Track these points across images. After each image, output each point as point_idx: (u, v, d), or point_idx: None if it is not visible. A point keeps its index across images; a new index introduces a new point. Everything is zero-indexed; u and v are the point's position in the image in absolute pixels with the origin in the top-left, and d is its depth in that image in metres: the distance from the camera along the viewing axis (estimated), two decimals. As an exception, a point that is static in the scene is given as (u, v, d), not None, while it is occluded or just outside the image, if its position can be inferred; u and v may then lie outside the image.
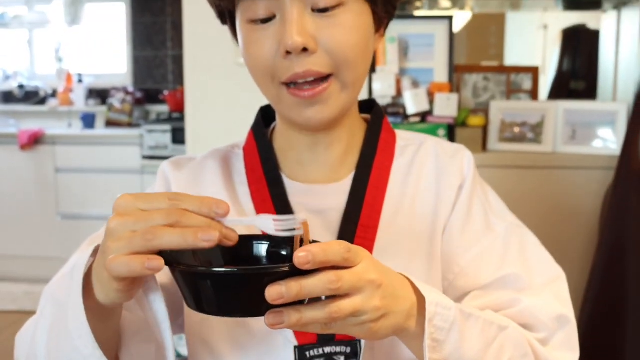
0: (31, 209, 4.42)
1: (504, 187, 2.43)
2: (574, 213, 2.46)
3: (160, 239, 0.59)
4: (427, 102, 2.46)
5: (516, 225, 0.94)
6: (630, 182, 2.09)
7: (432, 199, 0.92)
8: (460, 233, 0.91)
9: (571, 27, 3.47)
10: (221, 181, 0.94)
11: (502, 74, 2.68)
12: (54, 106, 4.94)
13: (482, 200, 0.94)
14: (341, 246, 0.60)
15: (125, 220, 0.61)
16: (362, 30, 0.83)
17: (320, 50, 0.79)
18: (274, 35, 0.80)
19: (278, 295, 0.57)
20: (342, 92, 0.83)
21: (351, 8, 0.81)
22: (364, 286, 0.61)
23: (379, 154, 0.93)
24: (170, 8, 4.90)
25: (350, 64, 0.81)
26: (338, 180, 0.92)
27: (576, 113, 2.52)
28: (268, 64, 0.81)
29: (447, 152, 0.96)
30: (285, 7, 0.79)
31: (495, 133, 2.56)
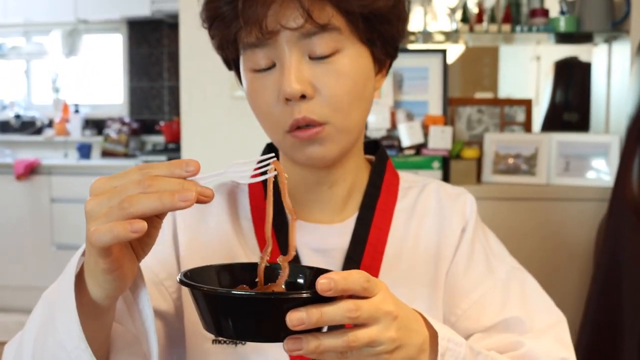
0: (26, 238, 4.41)
1: (498, 219, 2.45)
2: (568, 244, 2.47)
3: (136, 205, 0.59)
4: (421, 135, 2.47)
5: (517, 268, 0.97)
6: (623, 214, 2.10)
7: (435, 241, 0.94)
8: (463, 276, 0.92)
9: (563, 59, 3.50)
10: (227, 215, 0.95)
11: (495, 106, 2.69)
12: (50, 136, 4.95)
13: (483, 244, 0.96)
14: (361, 275, 0.61)
15: (100, 199, 0.61)
16: (360, 75, 0.84)
17: (317, 96, 0.81)
18: (275, 83, 0.82)
19: (299, 321, 0.58)
20: (339, 134, 0.84)
21: (348, 53, 0.83)
22: (381, 317, 0.62)
23: (383, 195, 0.95)
24: (167, 40, 4.94)
25: (344, 111, 0.83)
26: (342, 221, 0.93)
27: (569, 145, 2.54)
28: (270, 110, 0.83)
29: (450, 195, 0.98)
30: (283, 55, 0.81)
31: (490, 165, 2.58)
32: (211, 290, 0.60)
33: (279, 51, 0.81)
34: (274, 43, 0.81)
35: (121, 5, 4.63)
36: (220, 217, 0.95)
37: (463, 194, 0.99)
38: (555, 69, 3.53)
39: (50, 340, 0.68)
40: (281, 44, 0.81)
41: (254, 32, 0.80)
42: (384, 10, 0.84)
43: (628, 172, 2.10)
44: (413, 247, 0.93)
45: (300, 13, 0.78)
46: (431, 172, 2.44)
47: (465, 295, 0.92)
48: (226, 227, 0.94)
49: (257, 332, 0.60)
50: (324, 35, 0.80)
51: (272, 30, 0.79)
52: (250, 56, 0.83)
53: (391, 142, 2.49)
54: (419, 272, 0.92)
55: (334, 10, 0.80)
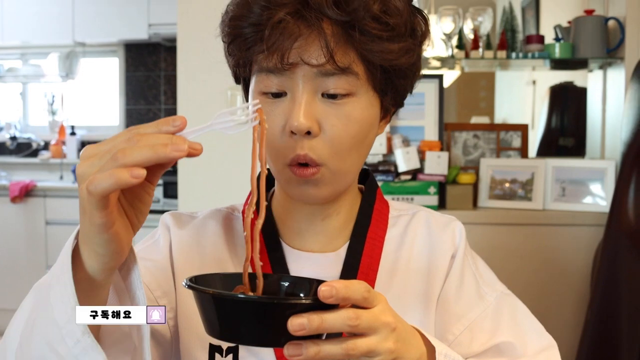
0: (20, 261, 4.40)
1: (495, 244, 2.45)
2: (565, 269, 2.47)
3: (130, 155, 0.59)
4: (417, 160, 2.48)
5: (506, 294, 0.98)
6: (620, 240, 2.10)
7: (425, 268, 0.95)
8: (454, 302, 0.93)
9: (559, 84, 3.53)
10: (223, 242, 0.96)
11: (491, 131, 2.70)
12: (46, 158, 4.95)
13: (473, 270, 0.97)
14: (362, 285, 0.63)
15: (91, 160, 0.62)
16: (366, 122, 0.85)
17: (322, 134, 0.82)
18: (283, 112, 0.82)
19: (300, 326, 0.59)
20: (333, 177, 0.85)
21: (360, 99, 0.83)
22: (380, 327, 0.64)
23: (373, 224, 0.96)
24: (164, 63, 4.97)
25: (342, 155, 0.84)
26: (334, 250, 0.94)
27: (565, 170, 2.55)
28: (274, 139, 0.83)
29: (439, 223, 0.99)
30: (297, 88, 0.81)
31: (486, 190, 2.58)
32: (216, 293, 0.61)
33: (294, 83, 0.81)
34: (291, 74, 0.81)
35: (119, 29, 4.66)
36: (216, 243, 0.96)
37: (452, 222, 1.00)
38: (550, 94, 3.55)
39: (41, 320, 0.67)
40: (297, 76, 0.81)
41: (273, 60, 0.80)
42: (404, 65, 0.85)
43: (624, 198, 2.10)
44: (403, 274, 0.94)
45: (323, 52, 0.79)
46: (427, 197, 2.44)
47: (456, 321, 0.92)
48: (222, 252, 0.95)
49: (258, 336, 0.61)
50: (341, 77, 0.81)
51: (293, 63, 0.80)
52: (264, 79, 0.83)
53: (388, 167, 2.50)
54: (410, 299, 0.93)
55: (356, 56, 0.81)
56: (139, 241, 1.00)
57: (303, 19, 0.79)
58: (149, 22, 4.53)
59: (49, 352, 0.67)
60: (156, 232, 0.99)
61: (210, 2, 2.58)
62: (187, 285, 0.63)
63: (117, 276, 0.73)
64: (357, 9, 0.79)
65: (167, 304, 0.91)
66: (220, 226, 0.97)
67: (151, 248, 0.96)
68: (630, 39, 2.46)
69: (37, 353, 0.68)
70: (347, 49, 0.80)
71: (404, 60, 0.84)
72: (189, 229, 0.97)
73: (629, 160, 2.11)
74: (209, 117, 2.54)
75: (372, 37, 0.80)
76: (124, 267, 0.72)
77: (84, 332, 0.65)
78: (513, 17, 2.80)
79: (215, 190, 2.62)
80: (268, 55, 0.80)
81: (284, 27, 0.79)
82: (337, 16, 0.79)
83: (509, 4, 3.09)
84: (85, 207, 0.61)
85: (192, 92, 2.64)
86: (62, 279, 0.65)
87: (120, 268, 0.73)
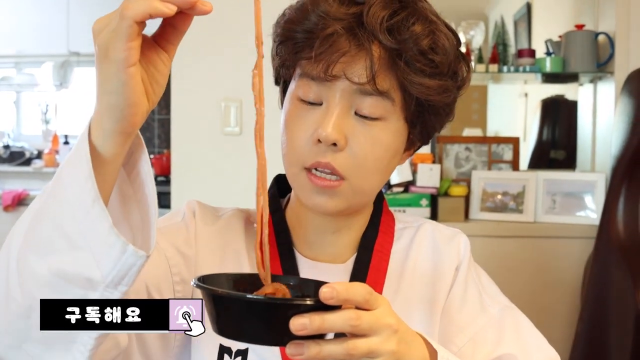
0: (12, 270, 4.38)
1: (486, 256, 2.46)
2: (556, 281, 2.49)
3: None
4: (410, 173, 2.50)
5: (509, 307, 0.99)
6: (609, 253, 2.12)
7: (430, 281, 0.97)
8: (457, 314, 0.95)
9: (550, 97, 3.56)
10: (243, 243, 0.97)
11: (483, 144, 2.73)
12: (39, 167, 4.94)
13: (476, 282, 0.99)
14: (363, 288, 0.64)
15: (106, 15, 0.63)
16: (392, 148, 0.88)
17: (347, 149, 0.84)
18: (315, 120, 0.85)
19: (301, 326, 0.60)
20: (352, 193, 0.87)
21: (390, 125, 0.86)
22: (381, 328, 0.64)
23: (380, 236, 0.97)
24: (158, 73, 4.98)
25: (364, 173, 0.86)
26: (343, 261, 0.96)
27: (556, 183, 2.58)
28: (300, 143, 0.86)
29: (445, 236, 1.01)
30: (333, 100, 0.84)
31: (477, 202, 2.60)
32: (224, 293, 0.64)
33: (331, 94, 0.84)
34: (331, 85, 0.84)
35: (113, 39, 4.68)
36: (238, 244, 0.97)
37: (458, 235, 1.02)
38: (542, 107, 3.58)
39: (49, 206, 0.67)
40: (337, 89, 0.84)
41: (318, 69, 0.83)
42: (439, 103, 0.88)
43: (613, 212, 2.13)
44: (409, 287, 0.96)
45: (366, 72, 0.82)
46: (420, 209, 2.46)
47: (459, 332, 0.94)
48: (243, 256, 0.96)
49: (262, 335, 0.63)
50: (378, 100, 0.84)
51: (336, 75, 0.82)
52: (304, 85, 0.86)
53: (380, 179, 2.51)
54: (415, 312, 0.94)
55: (396, 83, 0.84)
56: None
57: (354, 37, 0.82)
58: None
59: (57, 237, 0.66)
60: (179, 213, 0.98)
61: (205, 14, 2.60)
62: (196, 284, 0.65)
63: (123, 176, 0.72)
64: (408, 39, 0.82)
65: (182, 293, 0.90)
66: (242, 227, 0.99)
67: (179, 228, 0.95)
68: (619, 54, 2.49)
69: (44, 239, 0.67)
70: (389, 75, 0.83)
71: (440, 98, 0.87)
72: (215, 229, 0.97)
73: (618, 173, 2.14)
74: (203, 128, 2.55)
75: (415, 70, 0.83)
76: (130, 161, 0.72)
77: (95, 199, 0.64)
78: (505, 31, 2.83)
79: (209, 199, 2.62)
80: (314, 63, 0.83)
81: (334, 40, 0.82)
82: (387, 42, 0.82)
83: (501, 18, 3.12)
84: (107, 48, 0.62)
85: (186, 103, 2.65)
86: (77, 154, 0.65)
87: (125, 163, 0.72)
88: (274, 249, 0.94)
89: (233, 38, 2.37)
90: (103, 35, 0.62)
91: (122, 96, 0.63)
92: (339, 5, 0.84)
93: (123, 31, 0.60)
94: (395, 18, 0.83)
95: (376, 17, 0.82)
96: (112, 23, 0.62)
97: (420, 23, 0.84)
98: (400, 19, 0.83)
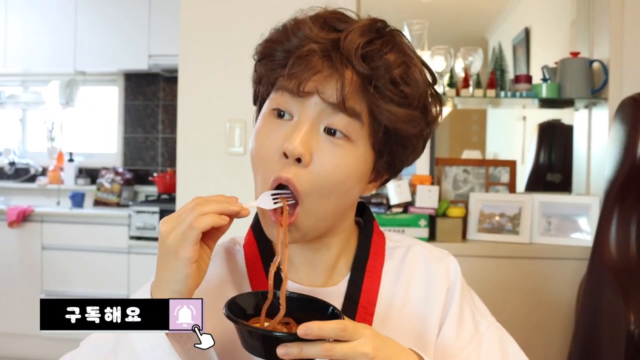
0: (15, 285, 4.41)
1: (483, 276, 2.50)
2: (551, 302, 2.51)
3: (207, 207, 0.80)
4: (409, 194, 2.54)
5: (496, 326, 1.04)
6: (602, 274, 2.15)
7: (422, 300, 1.01)
8: (455, 337, 0.99)
9: (547, 122, 3.60)
10: (227, 273, 1.01)
11: (481, 167, 2.77)
12: (44, 184, 4.99)
13: (470, 304, 1.04)
14: (337, 325, 0.75)
15: (170, 221, 0.81)
16: (355, 174, 0.89)
17: (310, 166, 0.86)
18: (284, 134, 0.87)
19: (283, 353, 0.75)
20: (307, 217, 0.89)
21: (357, 149, 0.88)
22: (356, 356, 0.75)
23: (371, 257, 1.01)
24: (162, 93, 5.04)
25: (322, 196, 0.88)
26: (334, 284, 0.99)
27: (551, 205, 2.61)
28: (267, 156, 0.88)
29: (434, 257, 1.05)
30: (304, 115, 0.87)
31: (475, 223, 2.64)
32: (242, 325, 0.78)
33: (303, 110, 0.87)
34: (304, 101, 0.86)
35: (119, 59, 4.74)
36: (221, 276, 1.01)
37: (446, 257, 1.06)
38: (539, 131, 3.62)
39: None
40: (309, 105, 0.86)
41: (292, 85, 0.85)
42: (406, 134, 0.90)
43: (606, 234, 2.17)
44: (401, 307, 0.99)
45: (337, 94, 0.84)
46: (418, 229, 2.50)
47: (457, 354, 0.98)
48: (228, 285, 1.00)
49: (265, 354, 0.78)
50: (347, 118, 0.86)
51: (308, 92, 0.85)
52: (279, 97, 0.89)
53: (380, 199, 2.56)
54: (406, 331, 0.98)
55: (365, 108, 0.86)
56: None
57: (328, 59, 0.85)
58: (149, 53, 4.61)
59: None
60: None
61: (211, 34, 2.66)
62: (226, 314, 0.79)
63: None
64: (380, 67, 0.85)
65: None
66: (223, 260, 1.03)
67: None
68: (613, 81, 2.54)
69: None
70: (359, 99, 0.86)
71: (407, 127, 0.89)
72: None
73: (611, 197, 2.18)
74: (208, 148, 2.62)
75: (385, 97, 0.86)
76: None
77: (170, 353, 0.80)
78: (502, 57, 2.89)
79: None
80: (287, 79, 0.86)
81: (308, 60, 0.84)
82: (360, 67, 0.84)
83: (499, 44, 3.18)
84: (177, 248, 0.79)
85: (192, 123, 2.69)
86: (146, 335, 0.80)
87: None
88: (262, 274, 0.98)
89: (239, 61, 2.42)
90: (172, 237, 0.80)
91: (186, 285, 0.80)
92: (319, 30, 0.87)
93: (192, 238, 0.79)
94: (371, 46, 0.86)
95: (352, 43, 0.84)
96: (179, 227, 0.80)
97: (394, 53, 0.87)
98: (376, 47, 0.86)
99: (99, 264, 4.30)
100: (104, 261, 4.30)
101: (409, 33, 2.75)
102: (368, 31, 0.87)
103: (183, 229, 0.79)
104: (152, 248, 4.22)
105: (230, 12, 2.66)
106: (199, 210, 0.79)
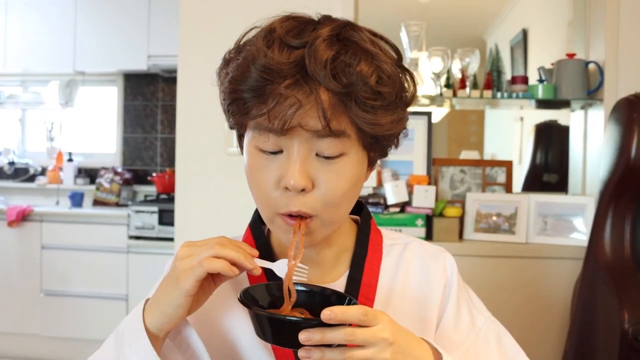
0: (14, 284, 4.42)
1: (479, 276, 2.52)
2: (546, 300, 2.53)
3: (224, 252, 0.83)
4: (406, 194, 2.55)
5: (492, 320, 1.07)
6: (596, 273, 2.17)
7: (420, 296, 1.03)
8: (453, 332, 1.02)
9: (543, 122, 3.61)
10: (231, 291, 1.02)
11: (477, 167, 2.78)
12: (43, 183, 5.00)
13: (466, 300, 1.06)
14: (359, 310, 0.76)
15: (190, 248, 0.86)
16: (356, 177, 0.91)
17: (315, 190, 0.87)
18: (279, 168, 0.87)
19: (306, 339, 0.76)
20: (324, 226, 0.91)
21: (351, 157, 0.89)
22: (376, 342, 0.77)
23: (370, 254, 1.03)
24: (161, 93, 5.05)
25: (334, 207, 0.89)
26: (333, 281, 1.02)
27: (547, 205, 2.63)
28: (268, 192, 0.88)
29: (431, 254, 1.08)
30: (293, 148, 0.86)
31: (471, 223, 2.66)
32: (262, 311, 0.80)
33: (290, 144, 0.85)
34: (288, 136, 0.85)
35: (118, 60, 4.74)
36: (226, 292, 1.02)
37: (443, 253, 1.09)
38: (535, 132, 3.64)
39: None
40: (294, 138, 0.85)
41: (274, 125, 0.83)
42: (391, 132, 0.91)
43: (600, 234, 2.19)
44: (399, 301, 1.02)
45: (320, 120, 0.82)
46: (415, 229, 2.52)
47: (455, 349, 1.01)
48: (226, 288, 1.01)
49: (284, 341, 0.79)
50: (335, 140, 0.85)
51: (291, 127, 0.83)
52: (261, 137, 0.87)
53: (377, 199, 2.58)
54: (405, 321, 0.98)
55: (349, 121, 0.85)
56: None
57: (301, 88, 0.82)
58: (148, 54, 4.63)
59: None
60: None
61: (210, 34, 2.68)
62: (240, 300, 0.82)
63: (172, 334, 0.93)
64: (356, 81, 0.82)
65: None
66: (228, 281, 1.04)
67: None
68: (609, 82, 2.56)
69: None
70: (342, 116, 0.84)
71: (394, 129, 0.90)
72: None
73: (605, 197, 2.20)
74: (207, 148, 2.63)
75: (366, 108, 0.84)
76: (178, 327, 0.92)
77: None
78: (499, 58, 2.91)
79: (211, 218, 2.67)
80: (267, 120, 0.83)
81: (285, 98, 0.81)
82: (334, 87, 0.82)
83: (495, 46, 3.19)
84: (180, 277, 0.83)
85: (191, 122, 2.70)
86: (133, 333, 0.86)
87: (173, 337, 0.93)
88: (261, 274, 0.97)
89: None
90: (181, 265, 0.84)
91: (177, 312, 0.84)
92: (279, 54, 0.83)
93: (197, 274, 0.82)
94: (339, 60, 0.83)
95: (319, 63, 0.81)
96: (191, 259, 0.84)
97: (365, 61, 0.84)
98: (345, 60, 0.83)
99: (98, 263, 4.31)
100: (103, 261, 4.31)
101: (407, 34, 2.76)
102: (330, 42, 0.84)
103: (192, 262, 0.83)
104: (151, 248, 4.24)
105: (230, 13, 2.68)
106: (216, 251, 0.83)
